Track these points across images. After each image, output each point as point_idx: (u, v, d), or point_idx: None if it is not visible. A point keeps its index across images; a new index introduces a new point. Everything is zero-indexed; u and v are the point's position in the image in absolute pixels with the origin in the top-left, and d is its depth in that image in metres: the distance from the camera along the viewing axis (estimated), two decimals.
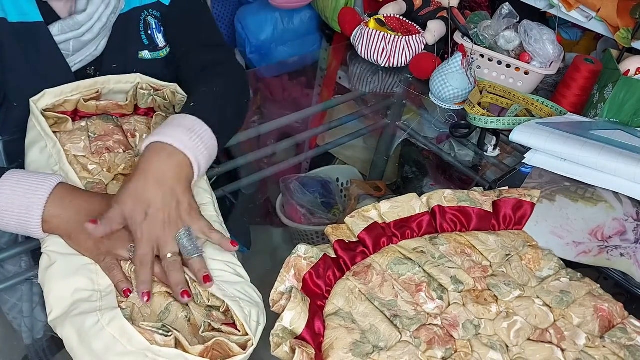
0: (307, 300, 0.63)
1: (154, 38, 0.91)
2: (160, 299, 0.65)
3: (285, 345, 0.58)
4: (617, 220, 0.83)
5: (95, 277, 0.64)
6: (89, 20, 0.82)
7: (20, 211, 0.64)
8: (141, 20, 0.90)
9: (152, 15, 0.91)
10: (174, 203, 0.66)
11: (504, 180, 0.91)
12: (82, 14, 0.81)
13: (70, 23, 0.80)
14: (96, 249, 0.65)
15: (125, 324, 0.57)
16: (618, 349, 0.65)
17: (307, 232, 1.17)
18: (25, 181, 0.65)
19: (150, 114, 0.87)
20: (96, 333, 0.57)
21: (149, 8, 0.91)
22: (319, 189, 1.28)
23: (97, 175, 0.77)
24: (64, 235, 0.66)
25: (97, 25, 0.82)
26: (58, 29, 0.80)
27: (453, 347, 0.63)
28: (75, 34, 0.81)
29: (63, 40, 0.81)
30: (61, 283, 0.62)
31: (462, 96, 1.15)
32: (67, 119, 0.79)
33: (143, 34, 0.90)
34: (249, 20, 1.67)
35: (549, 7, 1.21)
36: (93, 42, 0.84)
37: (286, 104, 1.43)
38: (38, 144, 0.76)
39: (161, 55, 0.93)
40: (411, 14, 1.39)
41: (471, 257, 0.75)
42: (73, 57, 0.83)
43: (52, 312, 0.61)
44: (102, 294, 0.62)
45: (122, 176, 0.78)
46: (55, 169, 0.74)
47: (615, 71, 1.02)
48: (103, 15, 0.83)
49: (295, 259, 0.68)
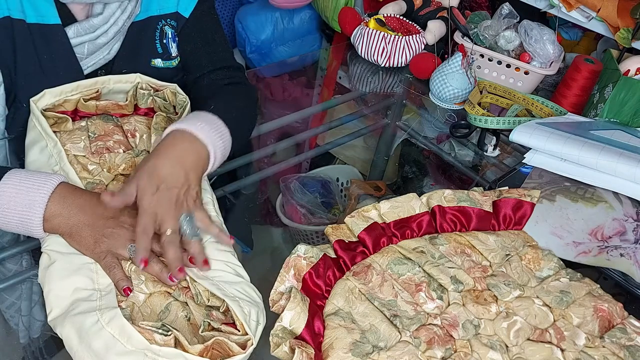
0: (306, 300, 0.63)
1: (168, 47, 0.92)
2: (160, 298, 0.65)
3: (284, 345, 0.58)
4: (617, 221, 0.83)
5: (95, 276, 0.64)
6: (105, 24, 0.82)
7: (22, 209, 0.64)
8: (157, 29, 0.91)
9: (169, 25, 0.91)
10: (185, 187, 0.68)
11: (504, 180, 0.91)
12: (98, 17, 0.81)
13: (86, 26, 0.81)
14: (97, 248, 0.65)
15: (124, 323, 0.57)
16: (618, 349, 0.65)
17: (307, 232, 1.17)
18: (28, 180, 0.65)
19: (150, 114, 0.87)
20: (96, 332, 0.57)
21: (167, 18, 0.91)
22: (319, 188, 1.28)
23: (97, 176, 0.77)
24: (64, 234, 0.66)
25: (113, 29, 0.83)
26: (74, 32, 0.81)
27: (453, 347, 0.63)
28: (90, 36, 0.82)
29: (78, 43, 0.82)
30: (61, 282, 0.62)
31: (462, 96, 1.15)
32: (67, 118, 0.79)
33: (158, 42, 0.91)
34: (249, 19, 1.67)
35: (549, 7, 1.21)
36: (107, 45, 0.85)
37: (286, 103, 1.43)
38: (38, 144, 0.76)
39: (173, 64, 0.94)
40: (411, 13, 1.39)
41: (471, 257, 0.75)
42: (86, 60, 0.84)
43: (52, 312, 0.61)
44: (101, 293, 0.62)
45: (122, 176, 0.78)
46: (55, 169, 0.74)
47: (616, 71, 1.02)
48: (119, 19, 0.83)
49: (295, 259, 0.68)
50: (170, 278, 0.64)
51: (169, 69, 0.93)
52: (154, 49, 0.91)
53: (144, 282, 0.65)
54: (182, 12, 0.92)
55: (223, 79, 0.93)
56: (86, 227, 0.65)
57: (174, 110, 0.87)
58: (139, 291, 0.65)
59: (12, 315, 0.77)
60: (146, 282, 0.65)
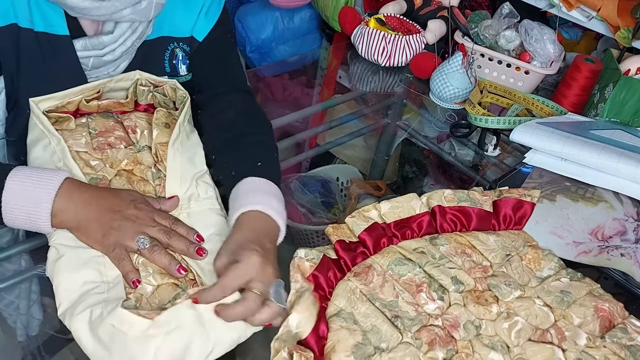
0: (316, 304, 0.63)
1: (177, 67, 0.92)
2: (167, 290, 0.66)
3: (283, 351, 0.58)
4: (617, 220, 0.83)
5: (103, 269, 0.65)
6: (114, 43, 0.82)
7: (30, 206, 0.64)
8: (168, 50, 0.90)
9: (180, 48, 0.91)
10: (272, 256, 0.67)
11: (504, 180, 0.91)
12: (108, 35, 0.81)
13: (94, 42, 0.81)
14: (105, 241, 0.66)
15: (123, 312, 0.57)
16: (619, 349, 0.65)
17: (307, 231, 1.17)
18: (34, 177, 0.66)
19: (150, 109, 0.87)
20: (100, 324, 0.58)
21: (180, 41, 0.90)
22: (319, 188, 1.28)
23: (100, 171, 0.77)
24: (72, 228, 0.67)
25: (120, 48, 0.83)
26: (81, 45, 0.81)
27: (454, 348, 0.63)
28: (97, 52, 0.82)
29: (84, 56, 0.82)
30: (70, 275, 0.63)
31: (462, 96, 1.15)
32: (69, 117, 0.80)
33: (167, 62, 0.90)
34: (249, 19, 1.67)
35: (550, 7, 1.21)
36: (113, 63, 0.84)
37: (286, 103, 1.43)
38: (41, 142, 0.77)
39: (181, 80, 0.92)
40: (411, 13, 1.38)
41: (471, 258, 0.75)
42: (90, 71, 0.84)
43: (61, 305, 0.61)
44: (109, 285, 0.63)
45: (124, 172, 0.78)
46: (59, 165, 0.74)
47: (616, 71, 1.02)
48: (128, 39, 0.83)
49: (299, 260, 0.68)
50: (178, 270, 0.65)
51: None
52: (162, 67, 0.90)
53: (151, 274, 0.66)
54: (196, 36, 0.91)
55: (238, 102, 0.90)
56: (94, 221, 0.66)
57: (174, 105, 0.88)
58: (147, 283, 0.65)
59: (10, 313, 0.77)
60: (154, 274, 0.66)
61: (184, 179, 0.76)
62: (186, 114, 0.82)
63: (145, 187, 0.77)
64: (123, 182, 0.76)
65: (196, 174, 0.78)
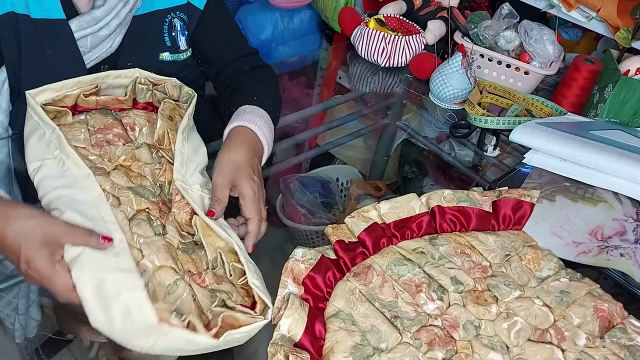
0: (305, 305, 0.63)
1: (177, 40, 0.92)
2: (168, 273, 0.66)
3: (279, 354, 0.58)
4: (617, 221, 0.83)
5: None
6: (107, 16, 0.83)
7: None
8: (166, 22, 0.91)
9: (178, 17, 0.91)
10: None
11: (504, 180, 0.91)
12: (99, 8, 0.82)
13: (88, 18, 0.82)
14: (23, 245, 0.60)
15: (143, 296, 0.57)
16: (618, 349, 0.65)
17: (307, 232, 1.17)
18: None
19: (148, 107, 0.87)
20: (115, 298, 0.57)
21: (177, 10, 0.91)
22: (319, 188, 1.28)
23: (98, 164, 0.77)
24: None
25: (114, 21, 0.84)
26: (77, 25, 0.82)
27: (454, 348, 0.63)
28: (92, 29, 0.82)
29: (81, 37, 0.82)
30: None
31: (462, 96, 1.15)
32: (66, 111, 0.80)
33: (167, 35, 0.91)
34: (249, 19, 1.67)
35: (549, 7, 1.21)
36: (109, 38, 0.85)
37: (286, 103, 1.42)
38: (36, 133, 0.76)
39: (182, 57, 0.94)
40: (411, 13, 1.39)
41: (471, 258, 0.75)
42: (89, 53, 0.84)
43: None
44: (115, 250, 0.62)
45: (122, 167, 0.79)
46: (56, 154, 0.74)
47: (616, 71, 1.02)
48: (121, 12, 0.84)
49: (293, 263, 0.68)
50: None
51: (176, 62, 0.93)
52: (163, 42, 0.91)
53: (154, 253, 0.67)
54: (194, 2, 0.92)
55: (245, 66, 0.95)
56: None
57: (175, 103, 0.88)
58: (150, 261, 0.66)
59: (8, 314, 0.77)
60: (157, 253, 0.67)
61: (189, 166, 0.77)
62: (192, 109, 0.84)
63: (143, 182, 0.77)
64: (121, 175, 0.76)
65: (198, 165, 0.79)
